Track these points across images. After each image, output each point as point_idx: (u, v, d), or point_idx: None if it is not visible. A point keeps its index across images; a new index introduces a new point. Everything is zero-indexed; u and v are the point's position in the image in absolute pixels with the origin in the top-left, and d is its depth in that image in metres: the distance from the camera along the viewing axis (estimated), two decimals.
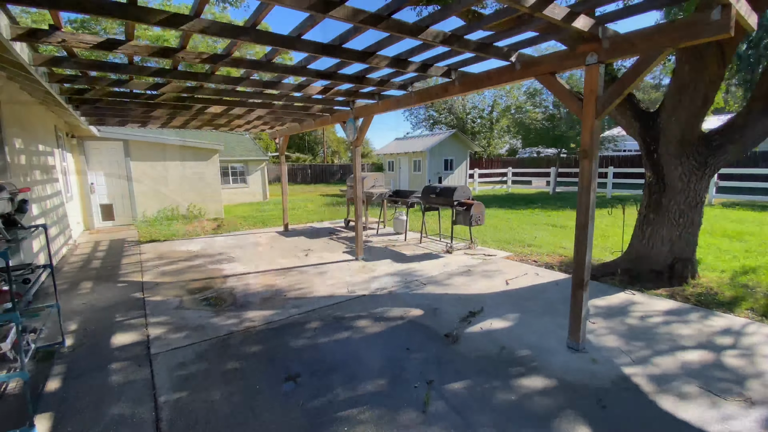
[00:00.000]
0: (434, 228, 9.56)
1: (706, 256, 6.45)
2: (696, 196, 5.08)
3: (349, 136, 6.28)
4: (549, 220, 10.59)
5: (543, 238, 8.23)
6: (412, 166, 19.86)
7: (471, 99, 33.94)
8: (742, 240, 7.62)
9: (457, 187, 6.92)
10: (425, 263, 6.26)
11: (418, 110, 35.77)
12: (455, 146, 19.45)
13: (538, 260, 6.56)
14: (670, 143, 5.04)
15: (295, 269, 6.12)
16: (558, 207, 13.58)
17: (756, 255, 6.48)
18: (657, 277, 5.30)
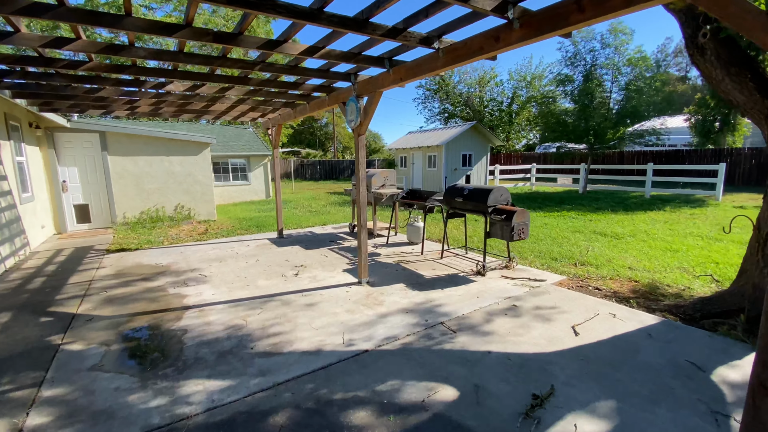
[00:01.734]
0: (457, 237, 7.92)
1: None
2: None
3: (351, 121, 4.69)
4: (592, 226, 8.82)
5: (596, 251, 6.52)
6: (426, 161, 18.16)
7: (489, 91, 31.93)
8: None
9: (492, 189, 5.27)
10: (451, 291, 4.65)
11: (432, 103, 33.92)
12: (474, 140, 17.67)
13: (602, 288, 4.88)
14: None
15: (276, 297, 4.58)
16: (595, 209, 11.75)
17: None
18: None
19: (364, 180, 4.76)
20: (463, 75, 32.19)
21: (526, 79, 30.30)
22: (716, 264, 5.61)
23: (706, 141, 21.21)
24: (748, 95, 3.65)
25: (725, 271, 5.30)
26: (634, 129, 15.54)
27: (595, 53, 15.14)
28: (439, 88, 32.40)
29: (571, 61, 15.67)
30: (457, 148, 17.23)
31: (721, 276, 5.10)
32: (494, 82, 31.50)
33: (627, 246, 6.89)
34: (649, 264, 5.74)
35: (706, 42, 3.90)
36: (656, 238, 7.41)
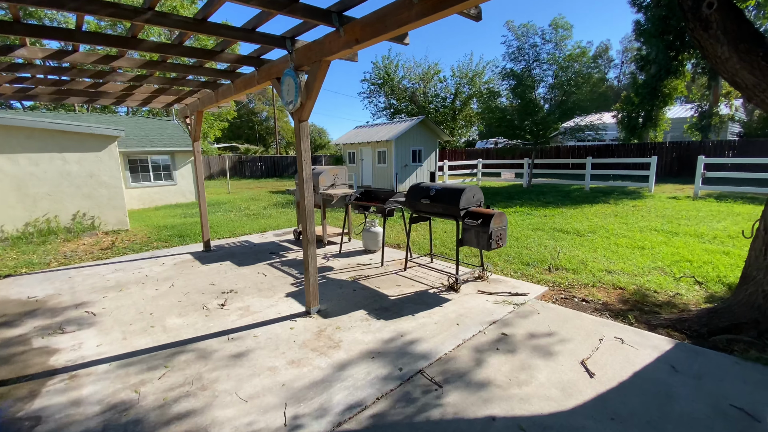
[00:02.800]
0: (419, 242, 7.04)
1: None
2: None
3: (289, 103, 3.53)
4: (550, 223, 8.44)
5: (566, 252, 5.99)
6: (376, 157, 17.21)
7: (433, 87, 31.74)
8: None
9: (464, 189, 4.40)
10: (424, 318, 3.70)
11: (378, 98, 33.02)
12: (423, 135, 17.05)
13: (589, 299, 4.24)
14: None
15: (191, 346, 3.30)
16: (545, 203, 11.60)
17: None
18: None
19: (309, 181, 3.63)
20: (408, 70, 31.67)
21: (467, 75, 30.51)
22: (690, 263, 5.29)
23: (632, 136, 22.65)
24: (761, 75, 3.10)
25: (703, 270, 4.95)
26: (576, 124, 15.87)
27: (537, 49, 15.16)
28: (384, 83, 31.55)
29: (514, 56, 15.58)
30: (407, 144, 16.48)
31: (703, 276, 4.72)
32: (438, 78, 31.36)
33: (593, 244, 6.46)
34: (625, 266, 5.27)
35: (712, 14, 3.33)
36: (617, 235, 7.12)
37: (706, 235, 6.86)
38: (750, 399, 2.46)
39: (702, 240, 6.57)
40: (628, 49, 49.89)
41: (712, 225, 7.74)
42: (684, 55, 19.82)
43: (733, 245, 6.13)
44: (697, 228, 7.41)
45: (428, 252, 5.93)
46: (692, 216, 8.82)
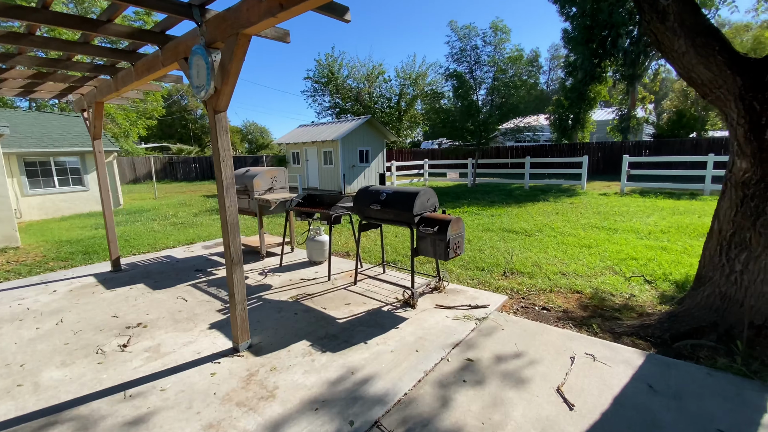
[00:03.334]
0: (369, 248, 6.49)
1: None
2: None
3: (200, 88, 2.79)
4: (498, 223, 8.36)
5: (519, 254, 5.80)
6: (321, 158, 16.39)
7: (378, 87, 31.44)
8: None
9: (418, 192, 3.92)
10: (379, 345, 3.15)
11: (323, 96, 31.99)
12: (370, 135, 16.57)
13: (550, 306, 3.98)
14: None
15: (70, 412, 2.44)
16: (490, 203, 11.68)
17: None
18: (758, 335, 3.09)
19: (230, 186, 2.91)
20: (352, 69, 31.05)
21: (411, 77, 30.63)
22: (635, 260, 5.32)
23: (563, 137, 24.11)
24: (717, 71, 2.98)
25: (649, 268, 4.97)
26: (515, 125, 16.36)
27: (479, 50, 15.37)
28: (328, 81, 30.62)
29: (457, 57, 15.67)
30: (354, 144, 15.89)
31: (650, 275, 4.72)
32: (382, 78, 31.11)
33: (543, 244, 6.38)
34: (577, 267, 5.16)
35: (669, 5, 3.17)
36: (563, 233, 7.15)
37: (641, 231, 7.11)
38: (735, 419, 2.24)
39: (639, 236, 6.78)
40: (555, 57, 53.61)
41: (644, 220, 8.13)
42: (606, 63, 21.42)
43: (668, 240, 6.36)
44: (631, 224, 7.70)
45: (380, 261, 5.40)
46: (624, 212, 9.25)
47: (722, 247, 3.27)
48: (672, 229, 7.11)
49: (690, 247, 5.87)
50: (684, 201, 10.86)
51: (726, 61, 2.93)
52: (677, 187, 13.15)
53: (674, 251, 5.67)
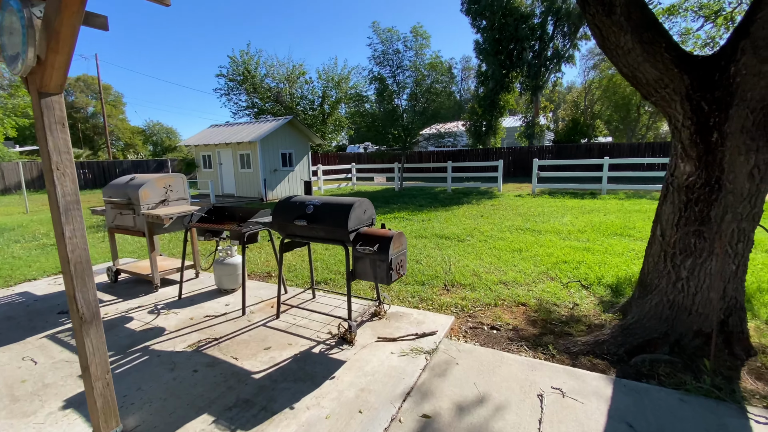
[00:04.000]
0: (296, 266, 5.59)
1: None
2: (760, 203, 2.94)
3: (14, 61, 1.76)
4: (431, 228, 8.07)
5: (456, 263, 5.45)
6: (238, 161, 14.75)
7: (299, 88, 30.00)
8: (633, 236, 6.54)
9: (353, 204, 3.22)
10: (309, 407, 2.37)
11: (239, 96, 29.49)
12: (293, 137, 15.40)
13: (499, 326, 3.59)
14: (749, 113, 2.70)
15: None
16: (419, 207, 11.49)
17: None
18: (705, 345, 3.02)
19: (71, 210, 1.89)
20: (270, 68, 29.17)
21: (334, 79, 29.81)
22: (566, 263, 5.29)
23: (478, 142, 25.45)
24: (663, 69, 2.80)
25: (581, 272, 4.94)
26: (437, 130, 16.59)
27: (400, 55, 15.23)
28: (244, 79, 28.30)
29: (379, 60, 15.35)
30: (276, 146, 14.59)
31: (585, 279, 4.66)
32: (304, 79, 29.77)
33: (476, 250, 6.15)
34: (515, 274, 4.95)
35: None
36: (493, 237, 7.06)
37: (562, 231, 7.33)
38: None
39: (561, 236, 6.95)
40: (467, 68, 57.03)
41: (560, 220, 8.49)
42: (513, 74, 23.06)
43: (588, 240, 6.58)
44: (551, 224, 7.96)
45: (309, 285, 4.58)
46: (540, 212, 9.66)
47: (666, 253, 3.15)
48: (588, 229, 7.45)
49: (609, 246, 6.09)
50: (587, 200, 11.82)
51: (673, 59, 2.77)
52: (579, 188, 14.41)
53: (598, 251, 5.81)
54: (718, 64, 2.69)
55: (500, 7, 21.33)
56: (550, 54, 22.38)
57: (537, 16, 21.95)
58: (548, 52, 22.26)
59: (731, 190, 2.83)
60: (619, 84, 21.77)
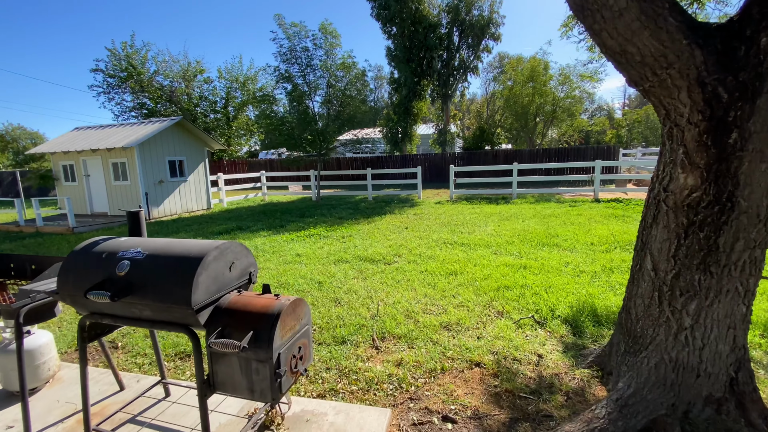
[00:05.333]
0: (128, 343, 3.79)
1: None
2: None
3: None
4: (351, 248, 6.80)
5: (384, 299, 4.24)
6: (110, 172, 11.67)
7: (197, 88, 26.33)
8: (561, 245, 6.11)
9: (205, 256, 1.74)
10: None
11: (123, 95, 24.70)
12: (185, 142, 12.80)
13: (450, 408, 2.43)
14: None
15: None
16: (339, 219, 10.16)
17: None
18: (717, 414, 2.24)
19: None
20: (162, 64, 25.07)
21: (239, 80, 26.86)
22: (509, 289, 4.44)
23: (395, 148, 25.04)
24: (668, 40, 1.90)
25: (527, 301, 4.10)
26: (354, 136, 15.46)
27: (309, 53, 13.75)
28: (128, 76, 23.77)
29: (286, 57, 13.66)
30: (161, 152, 11.88)
31: (537, 312, 3.81)
32: (203, 78, 26.23)
33: (406, 277, 5.04)
34: (456, 310, 3.91)
35: None
36: (423, 256, 6.06)
37: (491, 244, 6.65)
38: None
39: (493, 250, 6.24)
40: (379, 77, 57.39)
41: (485, 229, 7.92)
42: (424, 82, 23.11)
43: (519, 254, 5.94)
44: (477, 236, 7.29)
45: (157, 370, 2.88)
46: (463, 221, 9.07)
47: (662, 293, 2.31)
48: (515, 240, 6.90)
49: (544, 261, 5.48)
50: (502, 205, 11.73)
51: (680, 26, 1.88)
52: (493, 193, 14.52)
53: (535, 269, 5.12)
54: (742, 34, 1.88)
55: (409, 15, 21.15)
56: (456, 64, 22.94)
57: (444, 26, 22.31)
58: (455, 62, 22.79)
59: (745, 210, 2.06)
60: (518, 95, 23.24)
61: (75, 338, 3.57)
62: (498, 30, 23.00)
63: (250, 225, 9.59)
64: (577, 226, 7.83)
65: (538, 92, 23.43)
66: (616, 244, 6.30)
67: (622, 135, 30.56)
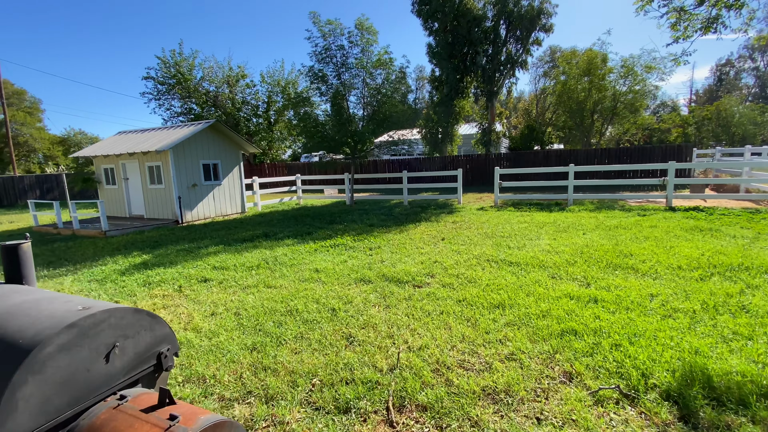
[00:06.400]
0: None
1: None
2: None
3: None
4: (377, 264, 5.94)
5: (410, 339, 3.33)
6: (146, 175, 11.82)
7: (241, 93, 26.99)
8: (638, 268, 4.75)
9: (34, 350, 0.96)
10: None
11: (171, 101, 25.89)
12: (219, 145, 12.72)
13: None
14: None
15: None
16: (368, 227, 9.36)
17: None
18: None
19: None
20: (207, 70, 25.96)
21: (280, 84, 27.16)
22: (577, 337, 3.33)
23: (435, 150, 23.91)
24: None
25: (604, 356, 2.99)
26: (389, 137, 14.66)
27: (345, 51, 13.15)
28: (177, 83, 24.86)
29: (321, 56, 13.15)
30: (195, 156, 11.85)
31: (622, 375, 2.71)
32: (245, 83, 26.82)
33: (439, 309, 4.08)
34: (503, 367, 2.90)
35: None
36: (460, 278, 5.05)
37: (547, 264, 5.48)
38: None
39: (550, 273, 5.08)
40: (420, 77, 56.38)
41: (539, 244, 6.71)
42: (467, 79, 21.81)
43: (586, 280, 4.74)
44: (529, 252, 6.12)
45: None
46: (511, 232, 7.88)
47: None
48: (577, 259, 5.67)
49: (619, 291, 4.26)
50: (555, 213, 10.31)
51: None
52: (544, 198, 13.02)
53: (610, 304, 3.94)
54: None
55: (452, 9, 20.01)
56: (503, 59, 21.38)
57: (489, 19, 20.88)
58: (502, 57, 21.24)
59: None
60: (572, 90, 21.18)
61: None
62: (549, 21, 21.14)
63: (277, 231, 9.08)
64: (654, 242, 6.40)
65: (595, 87, 21.20)
66: (713, 270, 4.90)
67: (689, 133, 27.09)
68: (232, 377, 2.90)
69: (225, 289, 5.00)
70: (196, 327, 3.81)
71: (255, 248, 7.36)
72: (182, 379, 2.90)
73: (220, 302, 4.51)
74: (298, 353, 3.21)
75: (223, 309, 4.28)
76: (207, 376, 2.92)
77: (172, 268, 6.11)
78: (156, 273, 5.81)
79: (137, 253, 7.30)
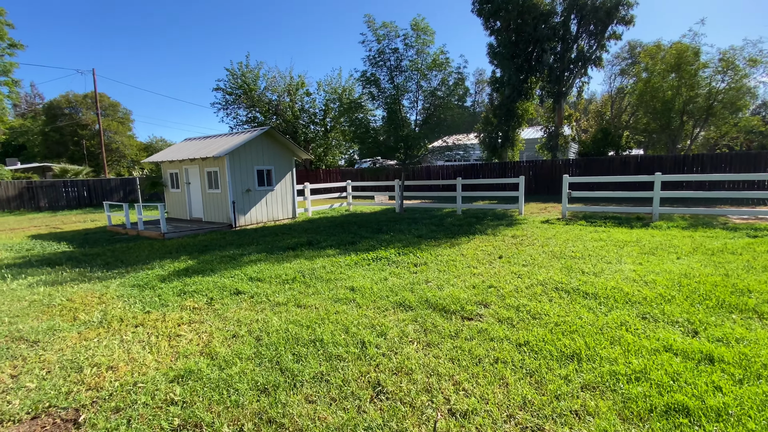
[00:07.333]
0: None
1: None
2: None
3: None
4: (422, 286, 5.24)
5: (453, 401, 2.61)
6: (205, 180, 12.33)
7: (300, 101, 27.90)
8: (764, 312, 3.49)
9: None
10: None
11: (238, 109, 27.56)
12: (273, 151, 12.92)
13: None
14: None
15: None
16: (417, 238, 8.66)
17: None
18: None
19: None
20: (270, 81, 27.23)
21: (336, 91, 27.63)
22: (689, 416, 2.36)
23: (493, 155, 22.52)
24: None
25: None
26: (443, 141, 13.87)
27: (399, 54, 12.66)
28: (243, 93, 26.41)
29: (375, 60, 12.81)
30: (249, 161, 12.12)
31: None
32: (304, 91, 27.67)
33: (494, 352, 3.28)
34: None
35: None
36: (522, 311, 4.17)
37: (635, 298, 4.38)
38: None
39: (640, 313, 3.99)
40: (480, 81, 54.48)
41: (620, 269, 5.53)
42: (532, 79, 20.22)
43: (691, 324, 3.62)
44: (610, 281, 5.00)
45: None
46: (583, 251, 6.70)
47: None
48: (674, 293, 4.47)
49: (743, 345, 3.12)
50: (638, 230, 8.76)
51: None
52: (622, 211, 11.32)
53: (734, 367, 2.85)
54: None
55: (516, 6, 18.68)
56: (574, 56, 19.49)
57: (558, 14, 19.18)
58: (572, 54, 19.37)
59: None
60: (657, 88, 18.58)
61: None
62: (629, 12, 18.86)
63: (321, 240, 8.77)
64: None
65: (685, 84, 18.39)
66: None
67: None
68: (231, 429, 2.41)
69: (254, 305, 4.66)
70: (212, 352, 3.45)
71: (296, 257, 7.06)
72: (178, 423, 2.49)
73: (245, 322, 4.14)
74: (312, 402, 2.65)
75: (245, 331, 3.89)
76: (205, 422, 2.47)
77: (210, 276, 5.98)
78: (193, 281, 5.70)
79: (185, 258, 7.38)
